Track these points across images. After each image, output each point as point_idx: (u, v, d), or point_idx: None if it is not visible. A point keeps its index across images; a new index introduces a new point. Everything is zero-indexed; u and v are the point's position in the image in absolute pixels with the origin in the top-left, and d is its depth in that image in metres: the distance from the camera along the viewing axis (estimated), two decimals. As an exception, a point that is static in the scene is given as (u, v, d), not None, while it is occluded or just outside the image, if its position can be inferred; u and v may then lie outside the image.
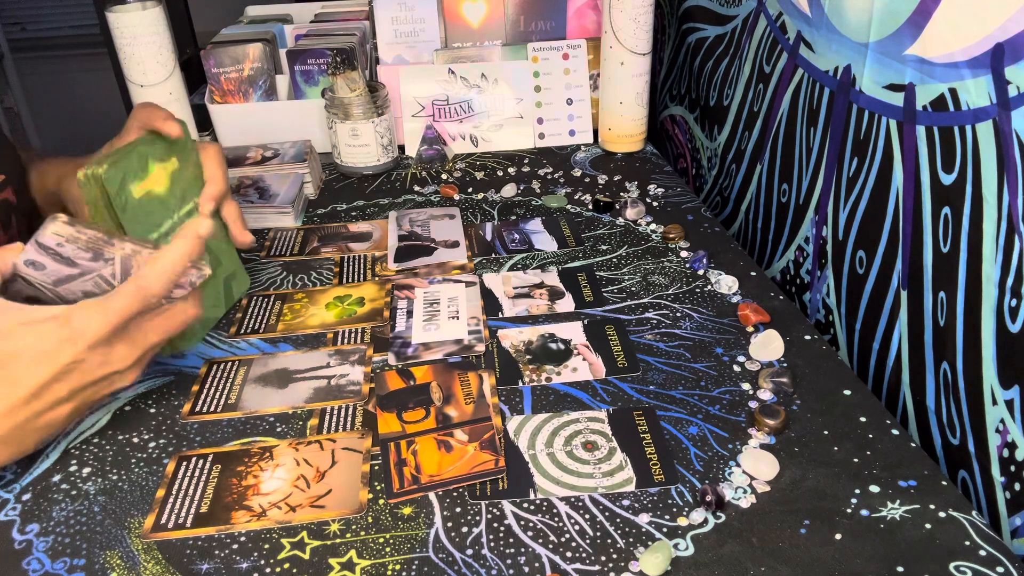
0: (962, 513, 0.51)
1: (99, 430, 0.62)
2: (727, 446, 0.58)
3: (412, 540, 0.51)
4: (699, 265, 0.81)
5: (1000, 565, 0.47)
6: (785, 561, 0.49)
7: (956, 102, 0.56)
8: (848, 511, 0.52)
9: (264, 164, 1.01)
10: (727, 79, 0.99)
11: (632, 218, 0.91)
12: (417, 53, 1.14)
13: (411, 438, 0.59)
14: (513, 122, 1.13)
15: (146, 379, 0.67)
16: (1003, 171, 0.52)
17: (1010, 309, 0.53)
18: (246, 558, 0.50)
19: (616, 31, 1.02)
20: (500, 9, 1.13)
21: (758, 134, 0.91)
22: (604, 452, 0.58)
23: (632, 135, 1.09)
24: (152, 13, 0.96)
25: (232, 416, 0.63)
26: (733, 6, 0.96)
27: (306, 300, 0.78)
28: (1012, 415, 0.53)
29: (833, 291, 0.77)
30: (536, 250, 0.86)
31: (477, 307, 0.75)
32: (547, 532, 0.51)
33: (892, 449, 0.57)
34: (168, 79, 1.00)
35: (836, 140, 0.74)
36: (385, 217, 0.94)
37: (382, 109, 1.03)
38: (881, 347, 0.70)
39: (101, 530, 0.53)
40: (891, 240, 0.67)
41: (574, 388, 0.65)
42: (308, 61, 1.10)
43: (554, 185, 1.02)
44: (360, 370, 0.67)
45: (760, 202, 0.93)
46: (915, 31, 0.60)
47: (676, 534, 0.51)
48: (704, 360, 0.67)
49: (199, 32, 1.92)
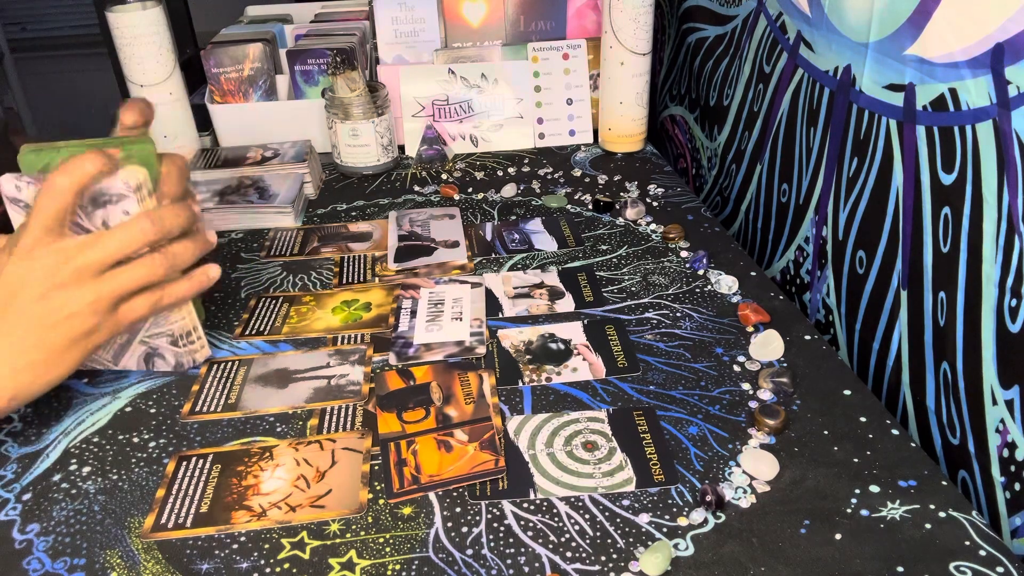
0: (962, 513, 0.51)
1: (99, 430, 0.62)
2: (727, 446, 0.58)
3: (412, 540, 0.51)
4: (699, 265, 0.81)
5: (1000, 565, 0.47)
6: (785, 561, 0.49)
7: (956, 102, 0.56)
8: (848, 511, 0.52)
9: (264, 164, 1.01)
10: (727, 79, 0.99)
11: (632, 218, 0.91)
12: (417, 53, 1.14)
13: (411, 438, 0.59)
14: (513, 122, 1.13)
15: (146, 379, 0.67)
16: (1003, 171, 0.52)
17: (1010, 309, 0.53)
18: (246, 558, 0.50)
19: (616, 31, 1.02)
20: (500, 9, 1.13)
21: (758, 134, 0.91)
22: (604, 452, 0.58)
23: (632, 135, 1.09)
24: (152, 13, 0.96)
25: (232, 416, 0.63)
26: (733, 6, 0.96)
27: (313, 303, 0.78)
28: (1012, 415, 0.53)
29: (833, 291, 0.77)
30: (536, 250, 0.86)
31: (481, 309, 0.75)
32: (547, 532, 0.51)
33: (892, 449, 0.57)
34: (168, 79, 1.00)
35: (836, 140, 0.74)
36: (385, 217, 0.94)
37: (382, 109, 1.03)
38: (881, 347, 0.70)
39: (101, 530, 0.53)
40: (891, 240, 0.67)
41: (574, 388, 0.65)
42: (308, 61, 1.10)
43: (554, 185, 1.02)
44: (360, 370, 0.67)
45: (760, 202, 0.93)
46: (915, 31, 0.60)
47: (676, 534, 0.51)
48: (704, 360, 0.67)
49: (199, 32, 1.92)
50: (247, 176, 0.99)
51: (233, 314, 0.76)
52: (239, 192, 0.95)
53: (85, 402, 0.65)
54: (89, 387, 0.67)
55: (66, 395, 0.66)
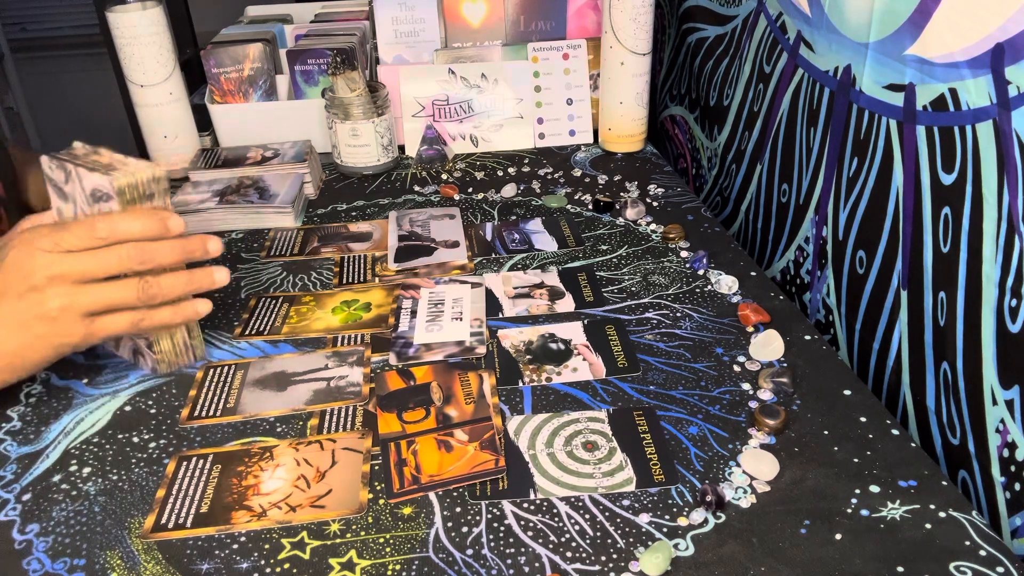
0: (962, 513, 0.51)
1: (99, 430, 0.62)
2: (727, 446, 0.58)
3: (412, 540, 0.51)
4: (699, 265, 0.81)
5: (1000, 565, 0.47)
6: (785, 561, 0.49)
7: (956, 102, 0.56)
8: (848, 511, 0.52)
9: (264, 164, 1.01)
10: (727, 79, 0.99)
11: (632, 218, 0.91)
12: (417, 53, 1.14)
13: (411, 438, 0.59)
14: (513, 122, 1.12)
15: (146, 379, 0.67)
16: (1003, 171, 0.52)
17: (1010, 309, 0.53)
18: (246, 558, 0.50)
19: (616, 31, 1.02)
20: (500, 9, 1.13)
21: (758, 134, 0.91)
22: (604, 452, 0.58)
23: (632, 135, 1.09)
24: (152, 13, 0.96)
25: (231, 420, 0.63)
26: (733, 6, 0.96)
27: (313, 303, 0.78)
28: (1012, 415, 0.53)
29: (833, 291, 0.77)
30: (536, 250, 0.86)
31: (481, 309, 0.75)
32: (547, 532, 0.51)
33: (892, 449, 0.57)
34: (168, 79, 1.00)
35: (836, 140, 0.74)
36: (385, 217, 0.94)
37: (382, 109, 1.03)
38: (881, 347, 0.70)
39: (101, 530, 0.53)
40: (891, 240, 0.67)
41: (574, 388, 0.65)
42: (308, 61, 1.10)
43: (554, 185, 1.02)
44: (359, 371, 0.67)
45: (760, 202, 0.93)
46: (915, 31, 0.60)
47: (676, 534, 0.51)
48: (704, 360, 0.67)
49: (199, 32, 1.92)
50: (247, 176, 0.99)
51: (233, 314, 0.76)
52: (239, 192, 0.95)
53: (85, 402, 0.65)
54: (89, 387, 0.67)
55: (66, 395, 0.66)
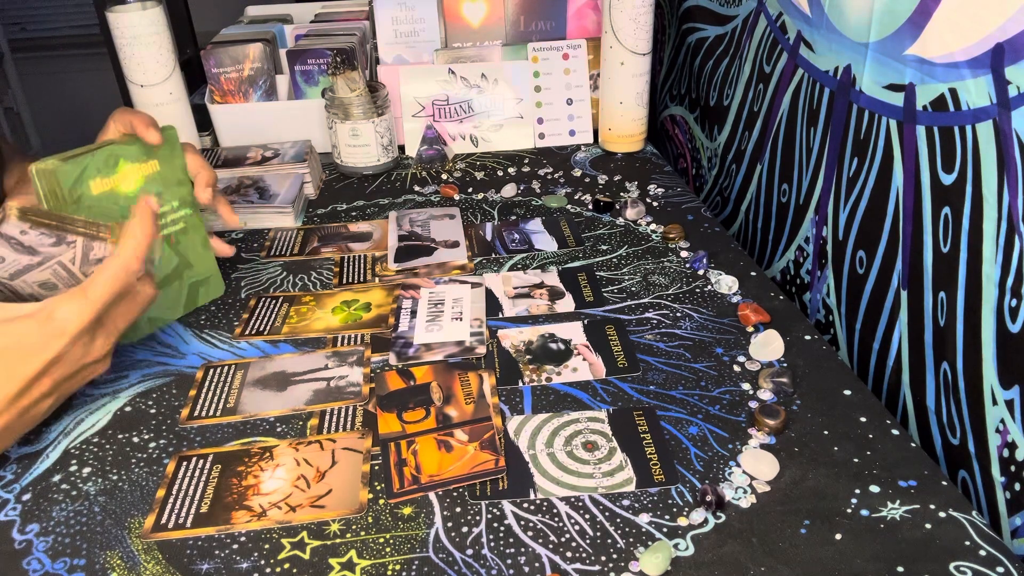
0: (962, 513, 0.51)
1: (99, 430, 0.62)
2: (727, 446, 0.58)
3: (412, 540, 0.51)
4: (699, 265, 0.81)
5: (1000, 565, 0.47)
6: (785, 561, 0.49)
7: (956, 102, 0.56)
8: (848, 511, 0.52)
9: (264, 164, 1.01)
10: (727, 79, 0.99)
11: (632, 218, 0.91)
12: (417, 53, 1.14)
13: (411, 438, 0.59)
14: (513, 122, 1.12)
15: (146, 379, 0.67)
16: (1003, 171, 0.52)
17: (1010, 309, 0.53)
18: (246, 558, 0.50)
19: (616, 31, 1.02)
20: (500, 9, 1.13)
21: (758, 134, 0.91)
22: (604, 452, 0.58)
23: (632, 135, 1.09)
24: (152, 13, 0.96)
25: (231, 420, 0.63)
26: (733, 6, 0.96)
27: (313, 303, 0.78)
28: (1012, 415, 0.53)
29: (833, 291, 0.77)
30: (536, 250, 0.86)
31: (481, 309, 0.75)
32: (547, 532, 0.51)
33: (892, 449, 0.57)
34: (168, 79, 1.00)
35: (836, 140, 0.74)
36: (385, 217, 0.94)
37: (382, 109, 1.03)
38: (881, 347, 0.70)
39: (101, 530, 0.53)
40: (891, 240, 0.67)
41: (574, 388, 0.65)
42: (308, 61, 1.10)
43: (554, 185, 1.02)
44: (359, 371, 0.67)
45: (760, 202, 0.93)
46: (915, 31, 0.60)
47: (676, 534, 0.51)
48: (704, 360, 0.67)
49: (199, 32, 1.92)
50: (247, 176, 0.99)
51: (233, 314, 0.76)
52: (239, 192, 0.95)
53: (85, 402, 0.65)
54: (89, 387, 0.66)
55: (66, 395, 0.66)
